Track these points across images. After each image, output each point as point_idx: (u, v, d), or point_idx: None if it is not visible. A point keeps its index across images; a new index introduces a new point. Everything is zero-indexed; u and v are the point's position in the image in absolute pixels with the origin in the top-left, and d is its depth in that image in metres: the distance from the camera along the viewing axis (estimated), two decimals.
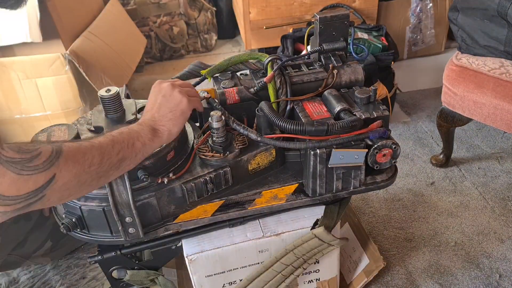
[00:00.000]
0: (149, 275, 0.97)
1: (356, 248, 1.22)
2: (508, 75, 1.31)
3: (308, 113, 0.90)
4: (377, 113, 0.89)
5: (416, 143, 1.81)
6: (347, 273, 1.21)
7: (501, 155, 1.72)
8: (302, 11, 2.22)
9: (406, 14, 2.33)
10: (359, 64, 1.01)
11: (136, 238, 0.85)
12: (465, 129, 1.85)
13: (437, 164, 1.67)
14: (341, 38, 1.00)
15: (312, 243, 0.94)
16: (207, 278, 0.96)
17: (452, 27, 1.50)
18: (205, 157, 0.87)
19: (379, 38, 1.92)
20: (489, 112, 1.36)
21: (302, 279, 1.05)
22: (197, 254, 0.92)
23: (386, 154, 0.88)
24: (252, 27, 2.23)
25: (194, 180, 0.85)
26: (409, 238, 1.38)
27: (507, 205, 1.48)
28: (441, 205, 1.50)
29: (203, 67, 1.06)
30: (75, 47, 1.72)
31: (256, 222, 0.97)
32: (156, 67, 2.54)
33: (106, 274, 0.97)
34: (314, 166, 0.87)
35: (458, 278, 1.24)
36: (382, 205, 1.50)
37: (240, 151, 0.89)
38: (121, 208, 0.80)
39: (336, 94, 0.93)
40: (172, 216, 0.88)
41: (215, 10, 2.66)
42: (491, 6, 1.29)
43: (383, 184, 0.95)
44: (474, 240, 1.36)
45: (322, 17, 0.97)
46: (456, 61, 1.44)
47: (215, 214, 0.91)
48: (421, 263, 1.29)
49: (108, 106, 0.89)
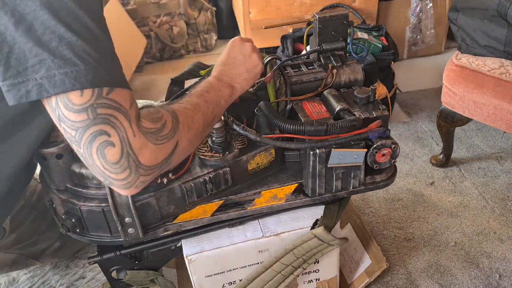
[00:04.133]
0: (149, 275, 0.97)
1: (358, 249, 1.22)
2: (508, 75, 1.31)
3: (307, 113, 0.90)
4: (377, 113, 0.89)
5: (416, 143, 1.81)
6: (348, 274, 1.21)
7: (501, 155, 1.72)
8: (302, 11, 2.21)
9: (406, 14, 2.32)
10: (359, 64, 1.01)
11: (136, 238, 0.85)
12: (465, 129, 1.85)
13: (437, 164, 1.67)
14: (341, 38, 1.00)
15: (312, 243, 0.94)
16: (207, 278, 0.96)
17: (452, 27, 1.50)
18: (204, 157, 0.87)
19: (379, 38, 1.92)
20: (489, 112, 1.36)
21: (301, 279, 1.05)
22: (196, 254, 0.92)
23: (386, 154, 0.88)
24: (252, 27, 2.22)
25: (193, 180, 0.85)
26: (409, 238, 1.37)
27: (507, 205, 1.48)
28: (441, 205, 1.50)
29: (202, 67, 1.07)
30: None
31: (256, 222, 0.97)
32: (156, 67, 2.54)
33: (106, 275, 0.97)
34: (314, 166, 0.87)
35: (458, 278, 1.24)
36: (382, 205, 1.50)
37: (239, 151, 0.89)
38: (120, 208, 0.80)
39: (336, 94, 0.93)
40: (172, 216, 0.88)
41: (215, 10, 2.66)
42: (491, 6, 1.29)
43: (383, 184, 0.95)
44: (474, 240, 1.36)
45: (321, 17, 0.97)
46: (456, 61, 1.44)
47: (214, 214, 0.91)
48: (421, 263, 1.29)
49: None
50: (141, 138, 0.64)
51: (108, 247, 0.93)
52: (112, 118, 0.62)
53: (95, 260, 0.93)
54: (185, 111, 0.73)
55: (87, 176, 0.82)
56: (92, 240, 0.87)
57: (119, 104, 0.63)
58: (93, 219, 0.84)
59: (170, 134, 0.68)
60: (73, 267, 1.27)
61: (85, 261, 1.26)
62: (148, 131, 0.65)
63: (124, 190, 0.68)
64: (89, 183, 0.83)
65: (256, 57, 0.89)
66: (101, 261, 0.93)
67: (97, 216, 0.83)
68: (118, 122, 0.62)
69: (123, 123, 0.63)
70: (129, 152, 0.63)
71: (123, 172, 0.64)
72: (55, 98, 0.61)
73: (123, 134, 0.63)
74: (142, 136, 0.64)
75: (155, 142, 0.66)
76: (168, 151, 0.68)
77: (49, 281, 1.25)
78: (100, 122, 0.61)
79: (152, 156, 0.66)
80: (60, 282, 1.24)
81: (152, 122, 0.67)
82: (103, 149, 0.62)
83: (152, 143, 0.65)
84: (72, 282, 1.24)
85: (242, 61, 0.88)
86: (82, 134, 0.62)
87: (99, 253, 0.93)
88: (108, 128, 0.62)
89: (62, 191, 0.85)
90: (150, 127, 0.66)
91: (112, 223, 0.83)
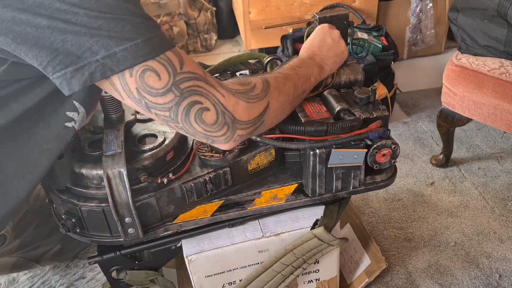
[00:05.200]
0: (148, 275, 0.97)
1: (358, 249, 1.22)
2: (508, 75, 1.31)
3: (307, 113, 0.90)
4: (377, 113, 0.89)
5: (416, 143, 1.81)
6: (347, 274, 1.21)
7: (501, 155, 1.72)
8: (302, 11, 2.21)
9: (406, 14, 2.32)
10: (359, 64, 1.01)
11: (136, 238, 0.85)
12: (465, 129, 1.85)
13: (437, 164, 1.67)
14: None
15: (312, 243, 0.94)
16: (207, 278, 0.96)
17: (452, 27, 1.50)
18: (204, 157, 0.87)
19: (379, 38, 1.92)
20: (489, 112, 1.36)
21: (301, 279, 1.05)
22: (196, 254, 0.92)
23: (386, 154, 0.88)
24: (252, 27, 2.22)
25: (193, 180, 0.85)
26: (409, 238, 1.37)
27: (507, 205, 1.48)
28: (441, 205, 1.50)
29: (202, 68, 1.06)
30: None
31: (256, 222, 0.97)
32: None
33: (106, 275, 0.96)
34: (314, 166, 0.87)
35: (458, 278, 1.24)
36: (382, 205, 1.50)
37: (239, 151, 0.89)
38: (120, 208, 0.80)
39: (336, 94, 0.93)
40: (172, 216, 0.88)
41: (215, 10, 2.66)
42: (491, 6, 1.29)
43: (383, 184, 0.95)
44: (474, 240, 1.36)
45: (321, 17, 0.97)
46: (456, 61, 1.44)
47: (214, 214, 0.91)
48: (421, 263, 1.29)
49: (108, 106, 0.89)
50: (231, 98, 0.69)
51: (108, 247, 0.93)
52: (197, 88, 0.66)
53: (95, 260, 0.93)
54: (276, 78, 0.79)
55: (87, 176, 0.82)
56: (92, 240, 0.87)
57: (195, 74, 0.67)
58: (93, 219, 0.84)
59: (261, 94, 0.74)
60: (73, 267, 1.27)
61: (85, 261, 1.26)
62: (237, 91, 0.71)
63: (224, 144, 0.73)
64: (89, 183, 0.83)
65: (343, 44, 0.95)
66: (101, 261, 0.93)
67: (97, 216, 0.83)
68: (203, 90, 0.67)
69: (209, 89, 0.67)
70: (223, 111, 0.69)
71: (222, 129, 0.70)
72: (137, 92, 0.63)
73: (213, 98, 0.68)
74: (231, 96, 0.70)
75: (247, 100, 0.72)
76: (261, 109, 0.74)
77: (49, 281, 1.25)
78: (188, 95, 0.65)
79: (245, 112, 0.71)
80: (60, 282, 1.24)
81: (241, 84, 0.73)
82: (200, 116, 0.67)
83: (244, 101, 0.71)
84: (72, 282, 1.24)
85: (332, 45, 0.93)
86: (176, 111, 0.66)
87: (99, 253, 0.93)
88: (198, 97, 0.66)
89: (62, 191, 0.85)
90: (239, 88, 0.72)
91: (112, 223, 0.83)
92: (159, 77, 0.63)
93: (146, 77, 0.62)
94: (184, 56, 0.67)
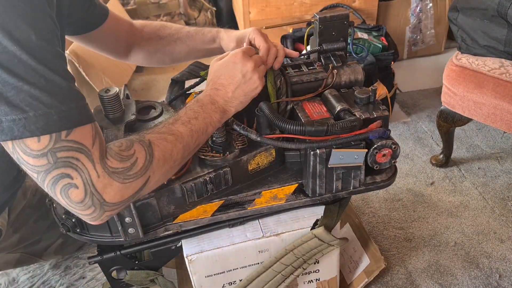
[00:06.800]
0: (149, 275, 0.97)
1: (357, 249, 1.22)
2: (508, 75, 1.31)
3: (308, 113, 0.90)
4: (377, 113, 0.89)
5: (416, 143, 1.81)
6: (347, 273, 1.21)
7: (501, 155, 1.72)
8: (302, 11, 2.21)
9: (406, 14, 2.33)
10: (359, 64, 1.01)
11: (136, 238, 0.85)
12: (465, 129, 1.85)
13: (437, 164, 1.67)
14: (341, 38, 1.00)
15: (312, 243, 0.94)
16: (207, 278, 0.96)
17: (452, 27, 1.50)
18: (204, 157, 0.87)
19: (379, 38, 1.92)
20: (489, 112, 1.36)
21: (302, 279, 1.05)
22: (197, 254, 0.92)
23: (386, 154, 0.88)
24: (252, 27, 2.22)
25: (193, 180, 0.85)
26: (409, 238, 1.37)
27: (507, 205, 1.48)
28: (441, 205, 1.50)
29: (202, 67, 1.06)
30: (75, 47, 1.72)
31: (256, 222, 0.97)
32: (156, 67, 2.54)
33: (106, 274, 0.97)
34: (314, 166, 0.87)
35: (458, 278, 1.24)
36: (382, 205, 1.50)
37: (239, 151, 0.89)
38: None
39: (336, 94, 0.93)
40: (172, 216, 0.88)
41: (215, 10, 2.66)
42: (491, 6, 1.29)
43: (383, 184, 0.95)
44: (474, 240, 1.36)
45: (322, 17, 0.97)
46: (456, 61, 1.44)
47: (214, 214, 0.91)
48: (421, 263, 1.29)
49: (108, 106, 0.89)
50: (106, 178, 0.63)
51: (108, 247, 0.93)
52: (74, 160, 0.61)
53: (95, 260, 0.93)
54: (163, 144, 0.71)
55: None
56: (92, 240, 0.87)
57: (80, 144, 0.61)
58: None
59: (141, 172, 0.67)
60: (73, 267, 1.27)
61: (85, 261, 1.26)
62: (114, 170, 0.64)
63: (90, 222, 0.68)
64: None
65: (256, 80, 0.82)
66: (101, 261, 0.93)
67: None
68: (80, 164, 0.61)
69: (86, 164, 0.62)
70: (93, 192, 0.63)
71: (88, 209, 0.64)
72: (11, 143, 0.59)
73: (86, 175, 0.62)
74: (106, 176, 0.63)
75: (122, 181, 0.65)
76: (136, 188, 0.68)
77: (49, 281, 1.25)
78: (61, 165, 0.60)
79: (118, 194, 0.65)
80: (60, 282, 1.24)
81: (120, 161, 0.65)
82: (66, 191, 0.62)
83: (119, 182, 0.65)
84: (72, 282, 1.24)
85: (241, 85, 0.82)
86: (44, 177, 0.61)
87: (99, 253, 0.93)
88: (70, 171, 0.61)
89: None
90: (117, 167, 0.65)
91: (112, 223, 0.83)
92: (39, 140, 0.59)
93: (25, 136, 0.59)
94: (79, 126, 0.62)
